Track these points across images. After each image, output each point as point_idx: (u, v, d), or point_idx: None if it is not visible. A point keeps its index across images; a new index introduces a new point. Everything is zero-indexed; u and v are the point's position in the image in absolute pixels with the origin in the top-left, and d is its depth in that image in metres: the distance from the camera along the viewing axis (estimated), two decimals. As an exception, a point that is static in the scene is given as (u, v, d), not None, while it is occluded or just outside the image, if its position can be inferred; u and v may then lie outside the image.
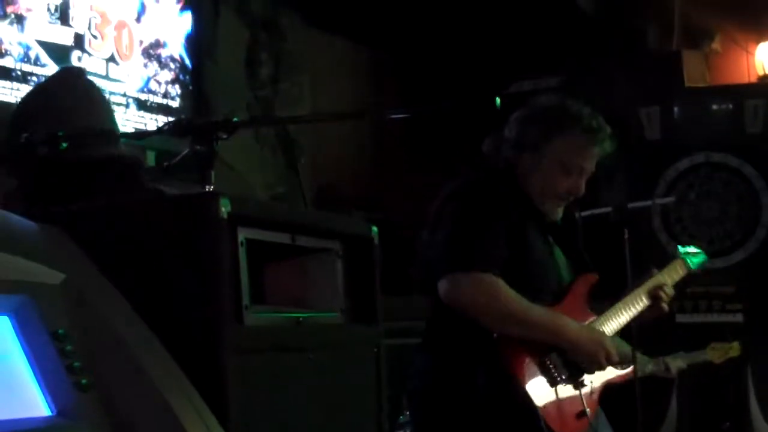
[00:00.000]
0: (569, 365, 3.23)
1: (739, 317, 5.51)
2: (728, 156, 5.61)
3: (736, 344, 4.56)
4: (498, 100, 2.31)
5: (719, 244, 5.59)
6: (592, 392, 3.34)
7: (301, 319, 2.09)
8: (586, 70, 5.96)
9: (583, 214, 4.00)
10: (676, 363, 4.42)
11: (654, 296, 3.55)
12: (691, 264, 3.85)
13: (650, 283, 3.58)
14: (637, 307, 3.54)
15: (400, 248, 3.48)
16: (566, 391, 3.22)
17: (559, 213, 3.42)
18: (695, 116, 5.69)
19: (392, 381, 2.38)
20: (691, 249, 3.92)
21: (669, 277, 3.70)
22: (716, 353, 4.51)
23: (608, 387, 3.53)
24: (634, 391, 3.75)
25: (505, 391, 3.11)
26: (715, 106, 5.68)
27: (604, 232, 3.87)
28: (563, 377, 3.21)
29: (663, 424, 5.52)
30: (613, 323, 3.46)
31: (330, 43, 6.20)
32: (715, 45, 6.29)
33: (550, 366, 3.19)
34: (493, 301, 3.05)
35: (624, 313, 3.50)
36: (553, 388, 3.18)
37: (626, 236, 3.73)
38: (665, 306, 3.58)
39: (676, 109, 5.71)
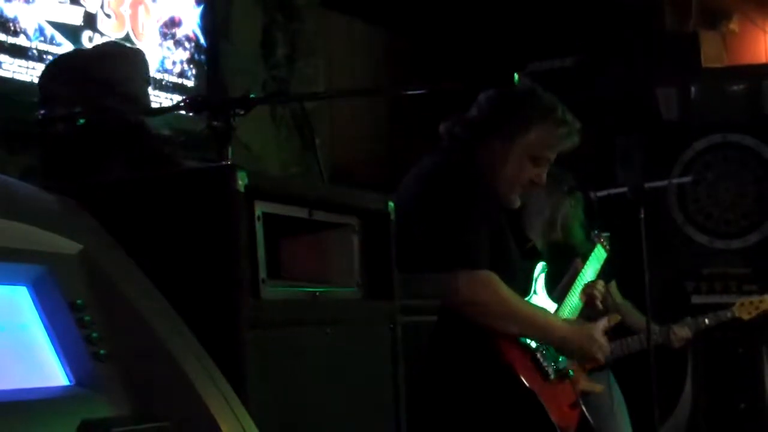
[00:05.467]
0: (555, 359, 3.24)
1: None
2: (745, 136, 5.59)
3: (767, 297, 4.52)
4: (516, 76, 2.29)
5: (735, 224, 5.58)
6: (575, 382, 3.36)
7: (317, 293, 2.08)
8: (603, 50, 5.95)
9: (600, 193, 4.01)
10: (682, 332, 4.40)
11: (589, 296, 3.56)
12: (604, 250, 3.85)
13: (580, 283, 3.60)
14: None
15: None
16: (556, 383, 3.23)
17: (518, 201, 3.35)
18: (712, 97, 5.67)
19: (408, 358, 2.38)
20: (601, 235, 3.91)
21: (593, 269, 3.73)
22: (745, 309, 4.47)
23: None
24: (649, 370, 3.76)
25: (507, 384, 3.09)
26: (732, 87, 5.66)
27: (621, 212, 3.87)
28: (552, 370, 3.21)
29: (678, 405, 5.52)
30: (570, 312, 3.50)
31: (346, 24, 6.19)
32: (733, 25, 6.26)
33: (541, 360, 3.19)
34: (493, 300, 3.01)
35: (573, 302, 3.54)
36: (546, 382, 3.19)
37: (642, 216, 3.73)
38: (600, 304, 3.59)
39: (693, 89, 5.69)
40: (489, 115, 3.25)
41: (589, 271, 3.71)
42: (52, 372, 1.53)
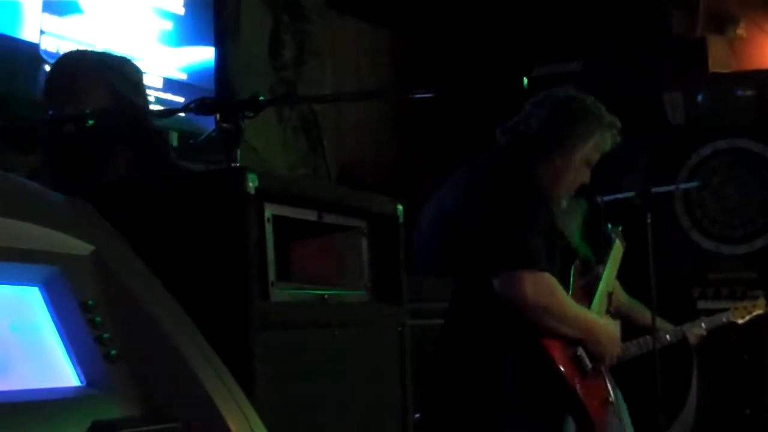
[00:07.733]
0: (592, 357, 3.36)
1: (761, 304, 5.49)
2: (752, 141, 5.56)
3: (760, 301, 4.53)
4: (525, 80, 2.29)
5: (742, 230, 5.56)
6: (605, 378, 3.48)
7: (326, 296, 2.09)
8: (610, 54, 5.94)
9: (606, 198, 4.00)
10: (695, 330, 4.40)
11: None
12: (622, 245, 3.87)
13: (605, 287, 3.69)
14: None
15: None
16: (592, 379, 3.35)
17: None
18: (719, 102, 5.65)
19: (415, 361, 2.38)
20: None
21: (614, 268, 3.79)
22: (739, 313, 4.48)
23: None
24: (654, 374, 3.77)
25: (544, 373, 3.22)
26: (739, 92, 5.63)
27: (627, 216, 3.87)
28: (590, 367, 3.33)
29: (683, 411, 5.50)
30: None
31: (353, 26, 6.19)
32: (740, 30, 6.25)
33: (581, 357, 3.31)
34: (553, 303, 3.15)
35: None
36: (584, 377, 3.30)
37: (649, 220, 3.74)
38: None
39: (700, 94, 5.67)
40: (548, 130, 3.38)
41: (611, 269, 3.76)
42: (63, 372, 1.54)
